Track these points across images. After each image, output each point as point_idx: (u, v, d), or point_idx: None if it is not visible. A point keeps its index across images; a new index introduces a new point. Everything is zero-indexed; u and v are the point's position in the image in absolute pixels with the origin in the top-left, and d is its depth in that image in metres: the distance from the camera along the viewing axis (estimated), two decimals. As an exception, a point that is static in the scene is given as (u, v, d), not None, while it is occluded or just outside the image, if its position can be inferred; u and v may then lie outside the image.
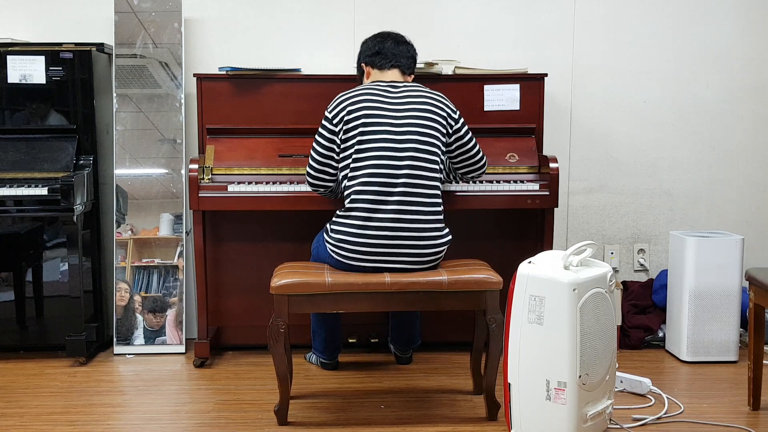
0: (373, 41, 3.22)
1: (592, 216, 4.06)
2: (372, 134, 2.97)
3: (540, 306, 2.64)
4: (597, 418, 2.73)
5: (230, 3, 3.87)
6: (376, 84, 3.10)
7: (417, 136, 2.98)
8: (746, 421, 2.96)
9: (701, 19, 3.98)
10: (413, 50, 3.24)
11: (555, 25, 3.94)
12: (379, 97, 3.04)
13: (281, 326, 2.85)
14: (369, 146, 2.97)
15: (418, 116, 3.00)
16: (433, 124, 3.02)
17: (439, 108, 3.05)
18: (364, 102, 3.02)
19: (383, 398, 3.18)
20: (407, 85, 3.11)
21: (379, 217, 2.94)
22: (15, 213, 3.50)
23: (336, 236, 2.98)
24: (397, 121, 2.99)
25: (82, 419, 2.98)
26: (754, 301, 2.98)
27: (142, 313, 3.73)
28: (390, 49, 3.17)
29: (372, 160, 2.96)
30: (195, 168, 3.41)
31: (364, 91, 3.06)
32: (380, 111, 3.00)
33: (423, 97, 3.06)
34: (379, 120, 2.98)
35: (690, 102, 4.02)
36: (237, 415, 3.02)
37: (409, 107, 3.02)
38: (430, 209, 2.98)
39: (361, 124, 2.99)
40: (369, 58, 3.20)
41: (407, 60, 3.19)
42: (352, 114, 3.00)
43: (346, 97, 3.06)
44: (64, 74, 3.60)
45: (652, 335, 3.84)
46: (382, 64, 3.17)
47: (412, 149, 2.97)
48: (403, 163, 2.96)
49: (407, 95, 3.05)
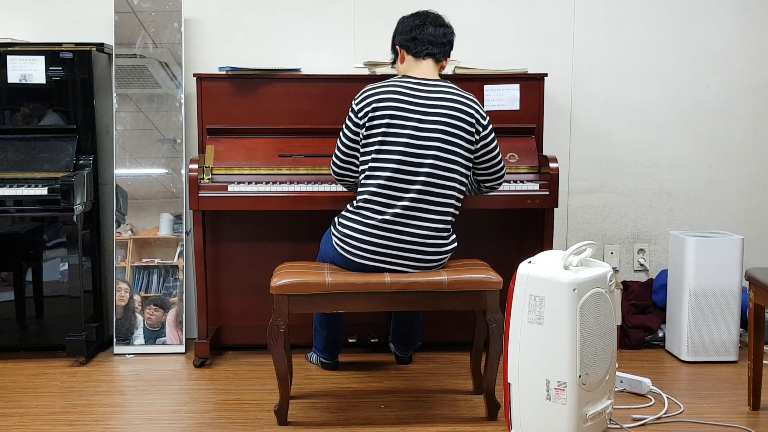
0: (411, 22, 3.08)
1: (592, 216, 4.06)
2: (395, 136, 2.91)
3: (540, 306, 2.64)
4: (597, 418, 2.73)
5: (230, 3, 3.88)
6: (407, 81, 3.00)
7: (440, 143, 2.92)
8: (746, 421, 2.96)
9: (701, 18, 3.98)
10: (451, 33, 3.12)
11: (555, 25, 3.94)
12: (408, 96, 2.95)
13: (281, 326, 2.85)
14: (390, 148, 2.91)
15: (445, 121, 2.93)
16: (459, 131, 2.94)
17: (468, 114, 2.97)
18: (391, 101, 2.94)
19: (383, 398, 3.18)
20: (439, 84, 3.01)
21: (388, 218, 2.91)
22: (15, 213, 3.50)
23: (343, 230, 2.97)
24: (422, 125, 2.92)
25: (82, 419, 2.98)
26: (754, 301, 2.98)
27: (142, 312, 3.73)
28: (428, 35, 3.04)
29: (391, 163, 2.91)
30: (195, 168, 3.41)
31: (392, 87, 2.98)
32: (407, 113, 2.93)
33: (453, 101, 2.97)
34: (405, 122, 2.92)
35: (690, 102, 4.02)
36: (237, 415, 3.02)
37: (437, 110, 2.94)
38: (440, 217, 2.94)
39: (385, 124, 2.92)
40: (405, 42, 3.08)
41: (443, 46, 3.07)
42: (378, 111, 2.93)
43: (374, 92, 2.98)
44: (64, 74, 3.60)
45: (652, 335, 3.84)
46: (417, 51, 3.05)
47: (432, 156, 2.91)
48: (421, 170, 2.91)
49: (437, 96, 2.96)
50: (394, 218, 2.91)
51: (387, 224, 2.92)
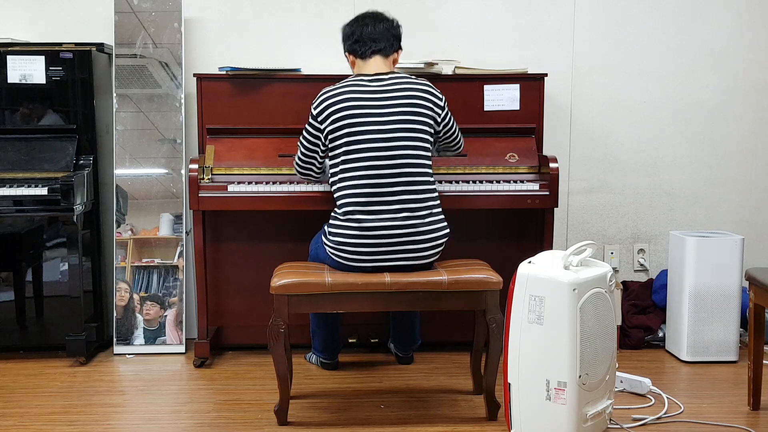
0: (350, 27, 3.13)
1: (592, 216, 4.06)
2: (360, 134, 2.95)
3: (540, 306, 2.64)
4: (597, 418, 2.73)
5: (230, 3, 3.87)
6: (359, 78, 3.04)
7: (405, 132, 2.95)
8: (746, 421, 2.96)
9: (701, 18, 3.98)
10: (395, 27, 3.12)
11: (555, 25, 3.94)
12: (363, 93, 2.99)
13: (281, 326, 2.85)
14: (358, 147, 2.94)
15: (405, 111, 2.97)
16: (420, 118, 2.99)
17: (425, 99, 3.01)
18: (348, 101, 2.97)
19: (383, 398, 3.18)
20: (392, 77, 3.04)
21: (375, 218, 2.93)
22: (15, 213, 3.50)
23: (335, 239, 2.98)
24: (383, 119, 2.95)
25: (82, 419, 2.98)
26: (754, 301, 2.98)
27: (141, 312, 3.73)
28: (368, 34, 3.07)
29: (362, 162, 2.94)
30: (195, 168, 3.41)
31: (346, 87, 3.01)
32: (364, 110, 2.96)
33: (408, 90, 3.00)
34: (365, 119, 2.95)
35: (690, 102, 4.02)
36: (237, 415, 3.02)
37: (394, 102, 2.98)
38: (424, 204, 2.96)
39: (347, 125, 2.96)
40: (350, 47, 3.12)
41: (389, 41, 3.08)
42: (337, 114, 2.97)
43: (330, 94, 3.01)
44: (64, 74, 3.60)
45: (652, 335, 3.84)
46: (362, 53, 3.08)
47: (401, 147, 2.95)
48: (393, 162, 2.94)
49: (392, 89, 3.00)
50: (381, 216, 2.92)
51: (376, 224, 2.92)
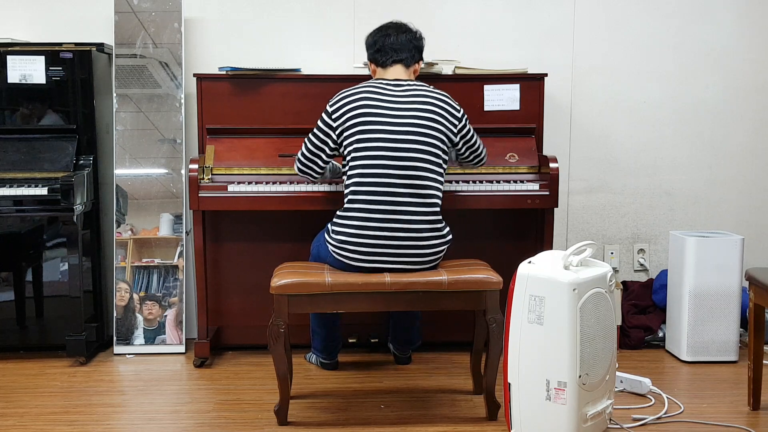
0: (374, 37, 3.18)
1: (592, 216, 4.06)
2: (371, 133, 2.97)
3: (540, 306, 2.64)
4: (597, 418, 2.73)
5: (230, 3, 3.87)
6: (378, 82, 3.08)
7: (418, 137, 2.97)
8: (746, 421, 2.96)
9: (701, 18, 3.98)
10: (417, 38, 3.18)
11: (555, 25, 3.94)
12: (380, 96, 3.02)
13: (281, 326, 2.85)
14: (368, 145, 2.96)
15: (420, 116, 2.99)
16: (435, 125, 3.00)
17: (442, 108, 3.03)
18: (364, 101, 3.01)
19: (383, 398, 3.18)
20: (411, 84, 3.08)
21: (378, 218, 2.94)
22: (15, 213, 3.50)
23: (337, 237, 2.98)
24: (397, 120, 2.98)
25: (82, 419, 2.98)
26: (754, 301, 2.98)
27: (141, 312, 3.73)
28: (390, 44, 3.12)
29: (371, 160, 2.96)
30: (195, 168, 3.41)
31: (365, 89, 3.05)
32: (380, 110, 2.99)
33: (426, 98, 3.03)
34: (379, 119, 2.98)
35: (690, 102, 4.02)
36: (237, 415, 3.02)
37: (411, 107, 3.00)
38: (429, 210, 2.97)
39: (360, 123, 2.98)
40: (372, 56, 3.17)
41: (410, 52, 3.14)
42: (353, 112, 3.00)
43: (348, 94, 3.05)
44: (64, 74, 3.60)
45: (652, 335, 3.84)
46: (383, 62, 3.13)
47: (413, 150, 2.96)
48: (403, 163, 2.95)
49: (410, 95, 3.03)
50: (385, 217, 2.93)
51: (380, 224, 2.93)
